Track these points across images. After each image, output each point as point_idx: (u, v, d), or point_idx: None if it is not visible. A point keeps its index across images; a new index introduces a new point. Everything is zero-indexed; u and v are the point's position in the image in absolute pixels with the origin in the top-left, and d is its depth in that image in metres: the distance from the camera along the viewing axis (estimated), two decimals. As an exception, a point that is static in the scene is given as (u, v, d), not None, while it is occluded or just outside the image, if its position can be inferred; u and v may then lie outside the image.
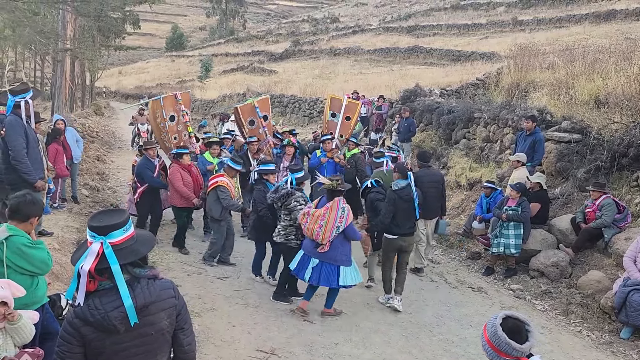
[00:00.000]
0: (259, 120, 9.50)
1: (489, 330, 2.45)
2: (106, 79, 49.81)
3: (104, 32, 28.47)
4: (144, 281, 2.24)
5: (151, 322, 2.25)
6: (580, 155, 8.58)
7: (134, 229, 2.31)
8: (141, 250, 2.28)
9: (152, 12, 46.49)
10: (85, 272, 2.12)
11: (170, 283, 2.39)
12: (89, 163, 12.93)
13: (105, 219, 2.24)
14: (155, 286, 2.27)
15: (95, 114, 26.41)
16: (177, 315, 2.37)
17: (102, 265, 2.14)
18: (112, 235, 2.19)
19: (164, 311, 2.30)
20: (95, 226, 2.20)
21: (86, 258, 2.14)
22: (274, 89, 26.62)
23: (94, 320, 2.12)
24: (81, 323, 2.14)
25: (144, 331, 2.24)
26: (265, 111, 9.73)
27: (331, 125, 9.93)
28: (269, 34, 63.90)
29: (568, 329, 6.21)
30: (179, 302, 2.39)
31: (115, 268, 2.13)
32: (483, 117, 11.88)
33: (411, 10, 52.21)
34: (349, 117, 9.92)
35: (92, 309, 2.13)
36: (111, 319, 2.12)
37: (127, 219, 2.27)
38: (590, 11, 29.71)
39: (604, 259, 7.15)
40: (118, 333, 2.16)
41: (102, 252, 2.14)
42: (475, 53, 27.62)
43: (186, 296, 6.01)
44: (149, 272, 2.29)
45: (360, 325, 5.78)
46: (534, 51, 15.17)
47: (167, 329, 2.32)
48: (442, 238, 9.31)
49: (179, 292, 2.43)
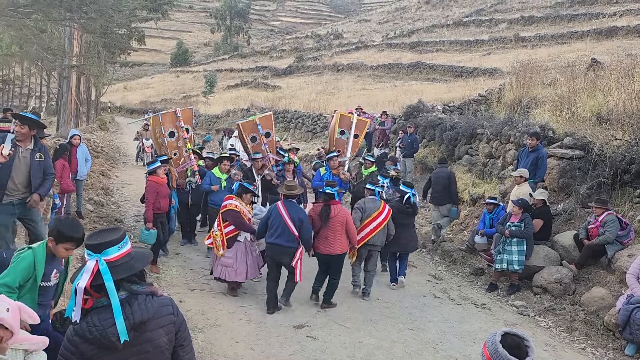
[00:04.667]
0: (260, 137, 9.56)
1: (489, 347, 2.44)
2: (111, 94, 50.28)
3: (109, 48, 28.83)
4: (141, 298, 2.26)
5: (149, 339, 2.26)
6: (582, 172, 8.60)
7: (130, 246, 2.34)
8: (136, 266, 2.29)
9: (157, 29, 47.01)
10: (81, 290, 2.15)
11: (169, 300, 2.40)
12: (94, 178, 13.01)
13: (101, 237, 2.28)
14: (153, 303, 2.28)
15: (100, 129, 26.62)
16: (176, 332, 2.37)
17: (97, 281, 2.17)
18: (107, 253, 2.22)
19: (163, 328, 2.30)
20: (91, 244, 2.24)
21: (82, 276, 2.17)
22: (277, 104, 26.80)
23: (92, 337, 2.14)
24: (80, 340, 2.15)
25: (143, 348, 2.25)
26: (267, 128, 9.74)
27: (339, 142, 9.82)
28: (273, 50, 64.53)
29: (572, 346, 6.19)
30: (178, 319, 2.39)
31: (109, 285, 2.16)
32: (485, 133, 11.94)
33: (414, 27, 52.65)
34: (357, 135, 9.88)
35: (91, 325, 2.15)
36: (109, 335, 2.14)
37: (122, 236, 2.30)
38: (592, 28, 29.95)
39: (608, 276, 7.14)
40: (117, 350, 2.17)
41: (97, 269, 2.17)
42: (478, 69, 27.81)
43: (189, 312, 6.07)
44: (146, 289, 2.30)
45: (363, 342, 5.77)
46: (536, 67, 15.29)
47: (165, 346, 2.32)
48: (446, 254, 9.32)
49: (178, 309, 2.43)
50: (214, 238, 6.80)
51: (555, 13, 37.59)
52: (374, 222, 7.01)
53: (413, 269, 8.66)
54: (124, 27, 27.74)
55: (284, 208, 6.37)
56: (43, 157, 5.51)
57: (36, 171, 5.41)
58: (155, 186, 7.37)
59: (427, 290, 7.66)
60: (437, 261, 9.34)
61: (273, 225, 6.35)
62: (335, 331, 6.01)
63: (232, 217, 6.65)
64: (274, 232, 6.33)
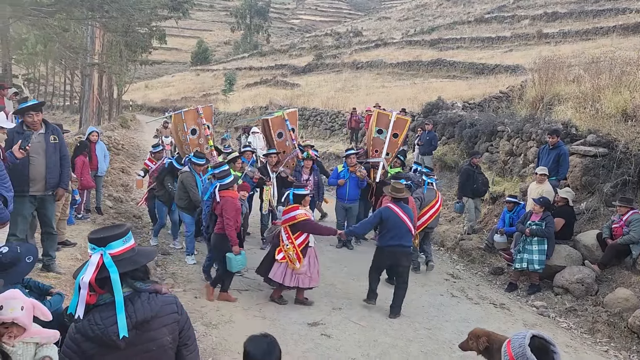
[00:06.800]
0: (287, 133, 9.50)
1: (516, 349, 2.31)
2: (133, 93, 50.95)
3: (131, 47, 29.18)
4: (144, 295, 2.21)
5: (153, 338, 2.22)
6: (606, 170, 8.38)
7: (134, 241, 2.31)
8: (141, 261, 2.25)
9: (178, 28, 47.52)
10: (85, 285, 2.11)
11: (173, 298, 2.35)
12: (114, 175, 13.17)
13: (105, 231, 2.25)
14: (157, 301, 2.24)
15: (121, 127, 26.99)
16: (180, 331, 2.33)
17: (102, 274, 2.13)
18: (111, 246, 2.18)
19: (166, 327, 2.26)
20: (95, 238, 2.21)
21: (86, 270, 2.14)
22: (296, 102, 26.79)
23: (94, 335, 2.10)
24: (82, 338, 2.12)
25: (146, 347, 2.20)
26: (293, 124, 9.70)
27: (377, 142, 9.55)
28: (292, 48, 64.59)
29: (594, 348, 6.02)
30: (182, 317, 2.34)
31: (114, 277, 2.12)
32: (506, 131, 11.73)
33: (434, 24, 52.16)
34: (396, 134, 9.54)
35: (92, 324, 2.11)
36: (110, 334, 2.09)
37: (126, 231, 2.27)
38: (618, 23, 29.23)
39: (632, 277, 6.92)
40: (118, 349, 2.13)
41: (102, 263, 2.14)
42: (499, 66, 27.42)
43: (204, 308, 6.09)
44: (150, 287, 2.26)
45: (378, 341, 5.70)
46: (559, 64, 14.95)
47: (169, 345, 2.27)
48: (464, 253, 9.17)
49: (182, 307, 2.38)
50: (285, 252, 6.29)
51: (580, 9, 36.78)
52: (432, 209, 7.89)
53: (431, 267, 8.54)
54: (145, 26, 28.09)
55: (400, 209, 6.35)
56: (57, 138, 5.44)
57: (52, 154, 5.35)
58: (234, 203, 6.44)
59: (444, 289, 7.55)
60: (455, 260, 9.20)
61: (392, 228, 6.29)
62: (350, 329, 5.95)
63: (309, 227, 6.36)
64: (395, 234, 6.27)
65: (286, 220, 6.34)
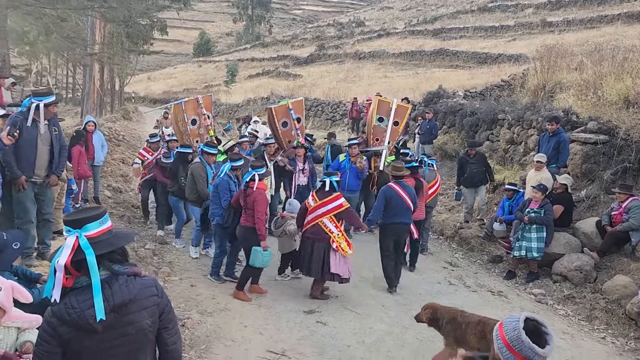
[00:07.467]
0: (292, 122, 9.44)
1: (510, 333, 2.23)
2: (135, 85, 50.86)
3: (132, 38, 29.04)
4: (122, 278, 2.17)
5: (132, 321, 2.18)
6: (607, 157, 8.30)
7: (111, 223, 2.27)
8: (118, 243, 2.21)
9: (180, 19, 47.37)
10: (61, 267, 2.07)
11: (153, 281, 2.31)
12: (114, 165, 13.15)
13: (81, 213, 2.22)
14: (135, 284, 2.19)
15: (123, 119, 26.94)
16: (160, 314, 2.28)
17: (78, 257, 2.09)
18: (87, 228, 2.14)
19: (146, 310, 2.22)
20: (70, 220, 2.17)
21: (62, 252, 2.10)
22: (298, 92, 26.68)
23: (70, 319, 2.06)
24: (58, 322, 2.07)
25: (125, 330, 2.16)
26: (299, 113, 9.58)
27: (377, 130, 9.40)
28: (295, 39, 64.23)
29: (591, 335, 5.98)
30: (162, 300, 2.30)
31: (90, 259, 2.08)
32: (507, 119, 11.64)
33: (437, 13, 51.76)
34: (397, 122, 9.42)
35: (69, 307, 2.07)
36: (87, 317, 2.05)
37: (103, 213, 2.23)
38: (623, 11, 28.93)
39: (631, 264, 6.86)
40: (96, 332, 2.09)
41: (78, 246, 2.10)
42: (503, 55, 27.18)
43: (200, 296, 6.09)
44: (129, 270, 2.22)
45: (374, 328, 5.68)
46: (562, 52, 14.80)
47: (149, 328, 2.24)
48: (463, 241, 9.13)
49: (162, 290, 2.34)
50: (337, 242, 6.22)
51: (584, -4, 36.37)
52: (431, 188, 8.26)
53: (429, 255, 8.53)
54: (145, 17, 27.95)
55: (401, 188, 6.70)
56: (57, 130, 5.67)
57: (56, 145, 5.60)
58: (265, 196, 6.30)
59: (442, 277, 7.52)
60: (454, 248, 9.17)
61: (394, 207, 6.62)
62: (346, 317, 5.94)
63: (350, 215, 6.50)
64: (397, 212, 6.64)
65: (334, 208, 6.27)
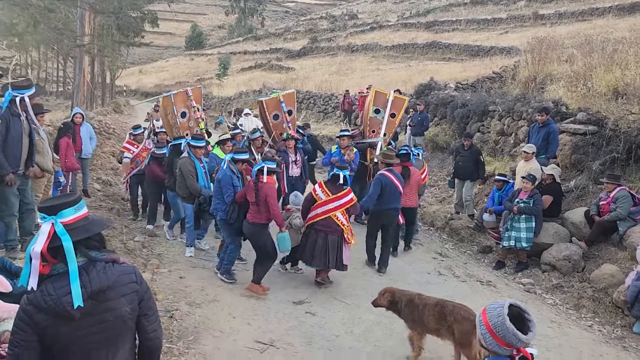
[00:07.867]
0: (283, 115, 9.39)
1: (494, 319, 2.25)
2: (126, 78, 50.56)
3: (123, 30, 28.78)
4: (100, 265, 2.15)
5: (110, 308, 2.15)
6: (595, 147, 8.33)
7: (86, 209, 2.24)
8: (94, 229, 2.18)
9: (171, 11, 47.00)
10: (37, 254, 2.03)
11: (132, 268, 2.29)
12: (104, 159, 13.07)
13: (56, 200, 2.19)
14: (114, 270, 2.17)
15: (114, 112, 26.75)
16: (139, 301, 2.27)
17: (54, 243, 2.06)
18: (62, 214, 2.11)
19: (125, 297, 2.19)
20: (45, 207, 2.13)
21: (37, 240, 2.06)
22: (290, 85, 26.55)
23: (46, 307, 2.03)
24: (34, 310, 2.04)
25: (103, 317, 2.14)
26: (290, 106, 9.56)
27: (374, 122, 9.35)
28: (287, 32, 63.91)
29: (578, 324, 6.03)
30: (142, 287, 2.28)
31: (67, 245, 2.05)
32: (497, 110, 11.66)
33: (430, 6, 51.63)
34: (394, 114, 9.37)
35: (45, 294, 2.04)
36: (64, 304, 2.03)
37: (78, 199, 2.19)
38: (614, 4, 28.98)
39: (618, 253, 6.91)
40: (73, 319, 2.06)
41: (53, 232, 2.07)
42: (495, 48, 27.20)
43: (189, 287, 6.07)
44: (107, 256, 2.19)
45: (362, 318, 5.69)
46: (552, 44, 14.82)
47: (128, 316, 2.22)
48: (453, 232, 9.16)
49: (142, 277, 2.32)
50: (347, 233, 6.46)
51: (576, -11, 36.40)
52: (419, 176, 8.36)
53: (419, 246, 8.55)
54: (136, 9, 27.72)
55: (393, 175, 7.06)
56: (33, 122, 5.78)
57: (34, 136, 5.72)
58: (274, 188, 6.34)
59: (431, 268, 7.54)
60: (444, 239, 9.18)
61: (388, 193, 6.95)
62: (335, 307, 5.95)
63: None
64: (390, 199, 7.00)
65: (346, 203, 6.45)
